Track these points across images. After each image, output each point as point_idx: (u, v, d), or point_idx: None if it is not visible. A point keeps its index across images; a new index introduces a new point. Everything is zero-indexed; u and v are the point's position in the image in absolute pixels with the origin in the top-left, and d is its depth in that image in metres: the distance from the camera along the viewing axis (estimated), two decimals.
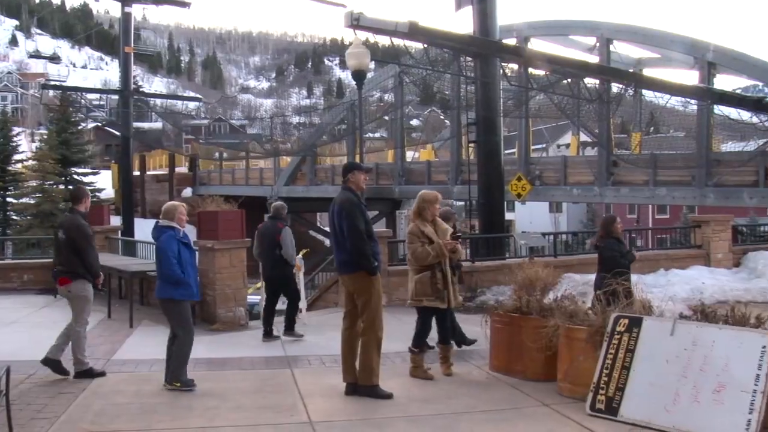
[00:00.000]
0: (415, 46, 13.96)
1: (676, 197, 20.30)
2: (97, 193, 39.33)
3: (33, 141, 60.61)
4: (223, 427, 5.87)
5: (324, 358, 8.43)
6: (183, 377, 7.01)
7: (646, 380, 5.79)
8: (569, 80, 14.55)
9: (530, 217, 47.40)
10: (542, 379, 7.00)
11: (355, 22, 9.80)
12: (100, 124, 64.30)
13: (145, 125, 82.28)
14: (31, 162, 40.96)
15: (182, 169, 50.76)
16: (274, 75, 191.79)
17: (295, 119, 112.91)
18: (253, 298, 13.79)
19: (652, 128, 29.76)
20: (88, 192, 8.51)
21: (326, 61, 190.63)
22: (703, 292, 13.11)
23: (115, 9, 33.25)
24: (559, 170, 23.18)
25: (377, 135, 68.20)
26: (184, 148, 74.28)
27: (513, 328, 7.37)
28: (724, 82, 18.97)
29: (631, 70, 18.81)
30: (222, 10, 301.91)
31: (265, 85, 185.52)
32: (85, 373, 7.36)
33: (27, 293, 14.15)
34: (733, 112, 15.01)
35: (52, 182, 37.47)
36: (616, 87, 16.90)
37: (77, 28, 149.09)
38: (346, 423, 5.99)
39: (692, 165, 19.18)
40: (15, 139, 43.12)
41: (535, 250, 15.16)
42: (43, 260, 15.49)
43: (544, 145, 40.33)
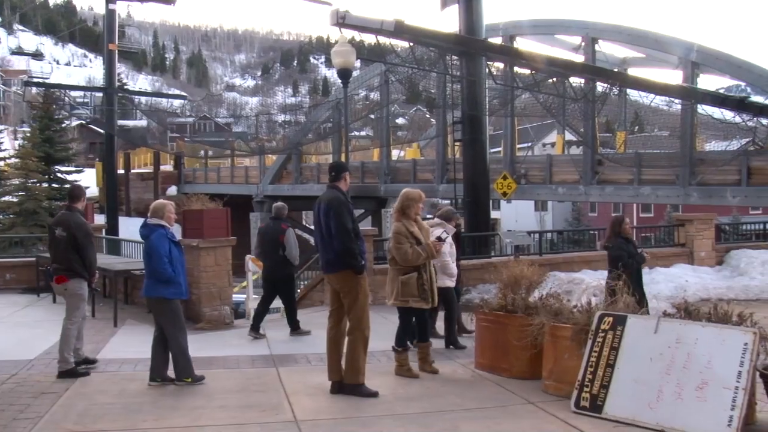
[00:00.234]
0: (401, 44, 13.95)
1: (660, 196, 20.43)
2: (68, 188, 38.91)
3: (15, 139, 59.91)
4: (209, 427, 5.84)
5: (310, 357, 8.43)
6: (192, 372, 7.15)
7: (630, 378, 5.83)
8: (555, 79, 14.59)
9: (516, 216, 47.59)
10: (527, 377, 7.03)
11: (341, 21, 9.79)
12: (84, 122, 63.78)
13: (130, 123, 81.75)
14: (13, 160, 40.50)
15: (167, 167, 50.48)
16: (259, 73, 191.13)
17: (281, 117, 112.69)
18: (239, 296, 13.75)
19: (637, 127, 29.98)
20: (85, 191, 8.58)
21: (312, 60, 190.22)
22: (687, 290, 13.24)
23: (99, 6, 33.07)
24: (544, 169, 23.26)
25: (363, 133, 68.13)
26: (169, 146, 74.02)
27: (498, 326, 7.39)
28: (708, 82, 19.11)
29: (616, 70, 18.90)
30: (207, 8, 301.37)
31: (250, 83, 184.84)
32: (69, 373, 7.31)
33: (9, 292, 14.05)
34: (716, 112, 15.10)
35: (35, 180, 37.05)
36: (601, 86, 16.97)
37: (61, 24, 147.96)
38: (332, 421, 5.98)
39: (676, 164, 19.31)
40: None
41: (521, 249, 15.22)
42: (26, 259, 15.37)
43: (530, 144, 40.33)
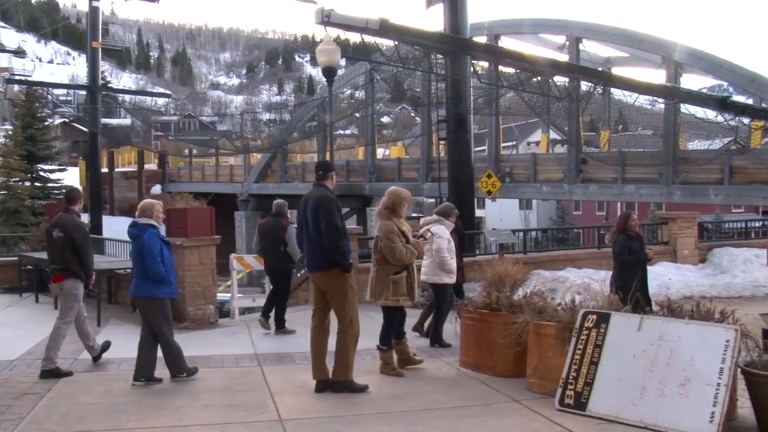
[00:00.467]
0: (387, 43, 13.93)
1: (644, 194, 20.53)
2: (65, 191, 38.71)
3: None
4: (193, 426, 5.82)
5: (294, 356, 8.41)
6: (186, 367, 7.22)
7: (613, 375, 5.86)
8: (539, 78, 14.61)
9: (500, 214, 47.76)
10: (512, 375, 7.05)
11: (326, 19, 9.75)
12: (67, 120, 63.34)
13: (114, 121, 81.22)
14: None
15: (151, 165, 50.21)
16: (244, 71, 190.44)
17: (266, 116, 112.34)
18: (223, 295, 13.70)
19: (621, 126, 30.10)
20: (81, 193, 8.68)
21: (297, 58, 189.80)
22: (670, 288, 13.35)
23: (82, 3, 32.76)
24: (529, 167, 23.31)
25: (348, 132, 67.96)
26: (154, 145, 73.56)
27: (483, 324, 7.41)
28: (691, 82, 19.18)
29: (600, 69, 18.96)
30: (192, 6, 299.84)
31: (235, 81, 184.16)
32: (52, 373, 7.28)
33: None
34: (699, 111, 15.17)
35: (17, 179, 36.76)
36: (585, 85, 17.00)
37: (43, 21, 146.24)
38: (317, 420, 5.98)
39: (659, 163, 19.42)
40: None
41: (505, 247, 15.28)
42: (8, 258, 15.25)
43: (514, 143, 40.51)
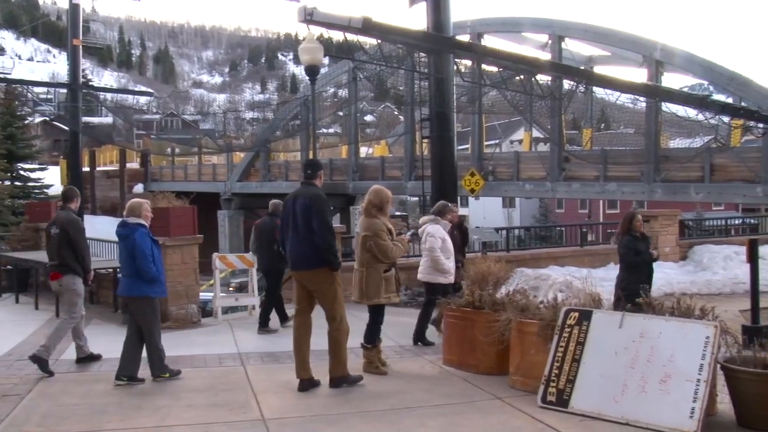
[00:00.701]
0: (370, 41, 13.90)
1: (626, 192, 20.65)
2: (46, 190, 38.40)
3: None
4: (175, 426, 5.79)
5: (277, 355, 8.39)
6: (167, 368, 7.20)
7: (595, 372, 5.90)
8: (522, 77, 14.66)
9: (483, 213, 47.88)
10: (495, 373, 7.08)
11: (309, 17, 9.72)
12: (47, 119, 62.79)
13: (95, 120, 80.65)
14: None
15: (134, 164, 49.85)
16: (227, 70, 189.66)
17: (249, 115, 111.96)
18: (206, 295, 13.65)
19: (603, 124, 30.30)
20: (78, 192, 8.67)
21: (280, 56, 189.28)
22: (651, 285, 13.41)
23: (62, 0, 32.43)
24: (511, 166, 23.39)
25: (331, 131, 67.95)
26: (136, 144, 73.15)
27: (466, 322, 7.43)
28: (672, 80, 19.30)
29: (583, 68, 19.06)
30: (174, 4, 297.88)
31: (218, 79, 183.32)
32: (39, 362, 7.34)
33: None
34: (680, 110, 15.28)
35: None
36: (567, 84, 17.09)
37: (23, 18, 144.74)
38: (300, 419, 5.97)
39: (641, 161, 19.54)
40: None
41: (488, 245, 15.33)
42: None
43: (497, 141, 40.62)
